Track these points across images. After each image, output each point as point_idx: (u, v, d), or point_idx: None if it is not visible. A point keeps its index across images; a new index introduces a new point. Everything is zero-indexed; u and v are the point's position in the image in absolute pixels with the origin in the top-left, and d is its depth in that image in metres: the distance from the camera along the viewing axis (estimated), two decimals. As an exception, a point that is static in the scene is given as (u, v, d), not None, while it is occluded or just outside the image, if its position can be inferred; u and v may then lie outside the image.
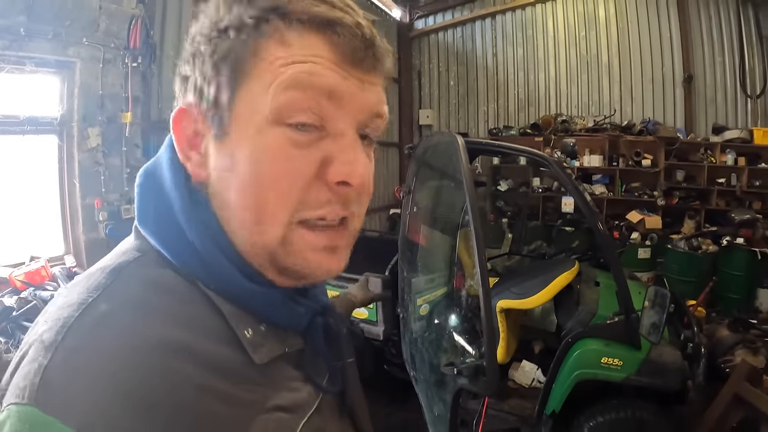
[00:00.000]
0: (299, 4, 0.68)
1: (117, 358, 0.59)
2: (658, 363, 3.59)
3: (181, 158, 0.75)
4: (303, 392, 0.79)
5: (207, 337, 0.67)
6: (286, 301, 0.79)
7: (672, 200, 9.16)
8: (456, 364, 3.02)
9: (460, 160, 3.30)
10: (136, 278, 0.69)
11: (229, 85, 0.69)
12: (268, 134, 0.68)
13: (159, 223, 0.74)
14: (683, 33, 9.45)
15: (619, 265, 3.86)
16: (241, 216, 0.71)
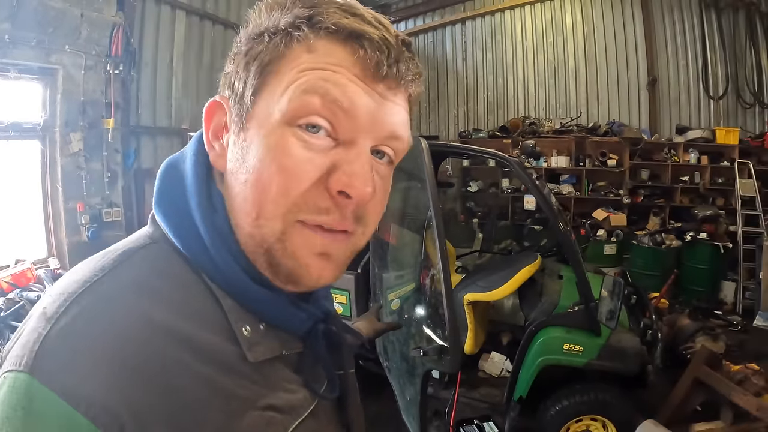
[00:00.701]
0: (331, 15, 0.69)
1: (117, 335, 0.61)
2: (617, 348, 3.76)
3: (207, 146, 0.78)
4: (299, 395, 0.80)
5: (206, 329, 0.69)
6: (288, 305, 0.79)
7: (637, 198, 9.34)
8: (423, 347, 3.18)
9: (423, 161, 3.47)
10: (145, 263, 0.71)
11: (253, 82, 0.71)
12: (280, 131, 0.69)
13: (173, 212, 0.76)
14: (648, 37, 9.66)
15: (578, 257, 4.04)
16: (244, 207, 0.73)
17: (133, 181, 5.63)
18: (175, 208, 0.77)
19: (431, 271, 3.67)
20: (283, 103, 0.69)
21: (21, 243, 4.90)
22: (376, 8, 4.52)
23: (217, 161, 0.78)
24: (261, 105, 0.71)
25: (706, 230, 7.97)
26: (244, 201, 0.72)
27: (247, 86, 0.72)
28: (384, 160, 0.78)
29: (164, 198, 0.79)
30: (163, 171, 0.81)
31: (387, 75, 0.72)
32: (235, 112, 0.74)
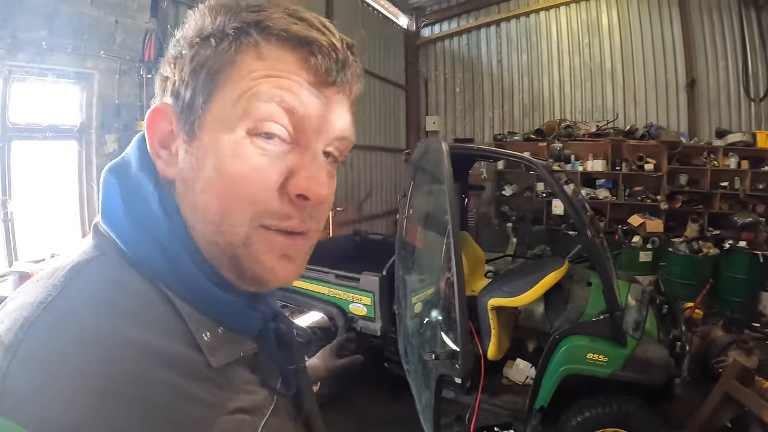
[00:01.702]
0: (279, 21, 0.71)
1: (86, 357, 0.58)
2: (642, 359, 3.66)
3: (152, 155, 0.76)
4: (259, 395, 0.80)
5: (170, 339, 0.68)
6: (246, 307, 0.81)
7: (675, 204, 9.16)
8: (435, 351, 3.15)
9: (443, 165, 3.44)
10: (96, 277, 0.69)
11: (203, 90, 0.71)
12: (238, 140, 0.70)
13: (126, 221, 0.74)
14: (686, 37, 9.49)
15: (605, 264, 3.95)
16: (205, 216, 0.73)
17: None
18: (127, 216, 0.74)
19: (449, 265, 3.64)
20: (239, 112, 0.70)
21: (58, 238, 5.03)
22: (410, 11, 4.59)
23: (166, 170, 0.76)
24: (214, 113, 0.71)
25: (745, 238, 7.73)
26: (205, 209, 0.72)
27: (196, 94, 0.72)
28: (329, 159, 0.80)
29: (112, 207, 0.76)
30: (107, 179, 0.78)
31: (335, 80, 0.74)
32: (184, 120, 0.73)
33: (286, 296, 5.38)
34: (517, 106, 11.40)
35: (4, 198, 4.46)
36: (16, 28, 4.20)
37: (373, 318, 4.80)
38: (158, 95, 0.79)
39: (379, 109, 11.26)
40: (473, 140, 11.59)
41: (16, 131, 4.54)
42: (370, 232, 7.70)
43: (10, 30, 4.16)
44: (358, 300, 4.88)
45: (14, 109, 4.49)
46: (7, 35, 4.15)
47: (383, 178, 11.39)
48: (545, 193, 10.06)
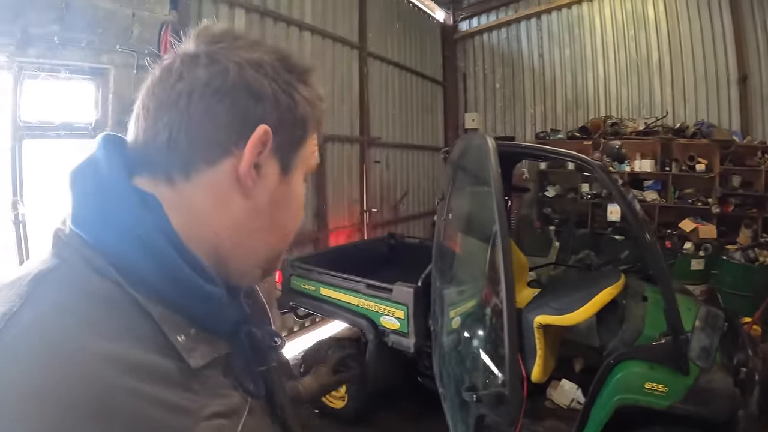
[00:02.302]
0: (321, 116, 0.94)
1: (56, 373, 0.58)
2: (706, 390, 3.29)
3: (245, 169, 0.81)
4: (235, 397, 0.80)
5: (139, 346, 0.67)
6: (226, 304, 0.81)
7: (727, 207, 8.78)
8: (477, 388, 2.83)
9: (489, 163, 3.11)
10: (60, 285, 0.68)
11: (298, 141, 0.89)
12: (303, 183, 0.94)
13: (102, 221, 0.74)
14: (737, 30, 9.09)
15: (669, 281, 3.59)
16: (286, 231, 0.93)
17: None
18: (102, 216, 0.75)
19: (495, 290, 3.32)
20: (310, 166, 0.94)
21: None
22: (447, 4, 4.26)
23: (251, 187, 0.83)
24: (301, 158, 0.91)
25: (804, 245, 7.28)
26: (285, 226, 0.92)
27: (294, 141, 0.88)
28: None
29: (84, 209, 0.76)
30: (77, 181, 0.80)
31: None
32: (282, 155, 0.87)
33: (312, 305, 5.20)
34: (560, 102, 11.09)
35: (15, 199, 4.34)
36: (26, 23, 4.08)
37: (406, 333, 4.52)
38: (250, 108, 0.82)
39: (416, 105, 11.04)
40: (514, 138, 11.35)
41: (28, 130, 4.40)
42: (405, 236, 7.55)
43: (20, 25, 4.05)
44: (390, 313, 4.60)
45: (25, 107, 4.36)
46: (17, 30, 4.03)
47: (420, 178, 11.10)
48: (590, 195, 9.83)
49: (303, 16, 7.57)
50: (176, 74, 0.80)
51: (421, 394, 4.82)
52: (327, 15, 8.16)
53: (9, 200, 4.33)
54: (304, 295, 5.34)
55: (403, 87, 10.59)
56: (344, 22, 8.64)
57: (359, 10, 9.03)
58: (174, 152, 0.79)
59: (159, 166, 0.80)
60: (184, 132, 0.78)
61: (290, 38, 7.32)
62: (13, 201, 4.34)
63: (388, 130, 9.88)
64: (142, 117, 0.83)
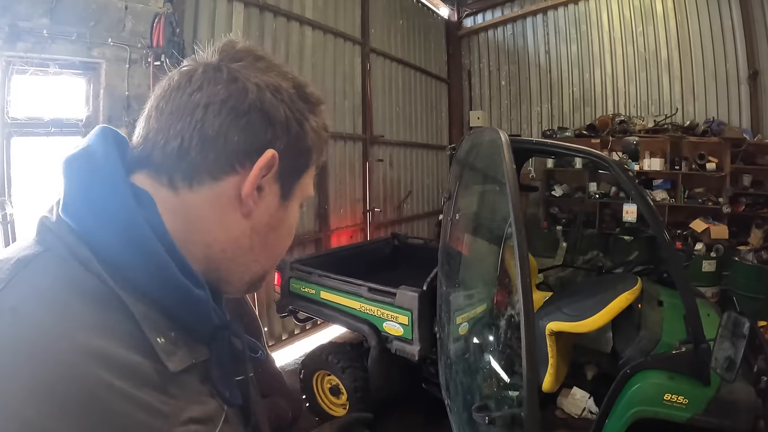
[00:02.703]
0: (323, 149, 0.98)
1: (37, 361, 0.59)
2: (728, 401, 3.10)
3: (248, 189, 0.84)
4: (211, 404, 0.80)
5: (120, 343, 0.67)
6: (210, 307, 0.82)
7: (738, 207, 8.68)
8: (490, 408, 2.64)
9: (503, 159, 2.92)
10: (43, 273, 0.69)
11: (300, 169, 0.93)
12: (298, 211, 0.98)
13: (92, 212, 0.74)
14: (746, 25, 8.95)
15: (689, 285, 3.40)
16: (277, 252, 0.97)
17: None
18: (92, 207, 0.74)
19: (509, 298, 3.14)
20: (306, 195, 0.98)
21: None
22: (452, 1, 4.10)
23: (251, 208, 0.86)
24: (299, 187, 0.95)
25: (816, 246, 7.15)
26: (279, 248, 0.97)
27: (297, 169, 0.92)
28: None
29: (76, 198, 0.76)
30: (70, 170, 0.78)
31: None
32: (284, 181, 0.90)
33: (312, 309, 5.08)
34: (567, 100, 10.99)
35: (2, 199, 4.29)
36: (15, 16, 4.06)
37: (410, 339, 4.34)
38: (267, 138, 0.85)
39: (420, 103, 10.98)
40: (520, 136, 11.22)
41: (16, 127, 4.34)
42: (409, 236, 7.41)
43: (8, 18, 4.02)
44: (394, 318, 4.44)
45: (14, 104, 4.30)
46: (5, 24, 3.99)
47: (424, 177, 11.05)
48: (598, 194, 9.75)
49: (303, 10, 7.47)
50: (196, 84, 0.81)
51: (425, 401, 4.72)
52: (328, 10, 8.08)
53: None
54: (303, 298, 5.19)
55: (407, 84, 10.50)
56: (346, 18, 8.56)
57: (361, 5, 8.95)
58: (182, 160, 0.80)
59: (163, 168, 0.82)
60: (195, 143, 0.79)
61: (290, 33, 7.23)
62: (1, 201, 4.27)
63: (392, 127, 9.81)
64: (153, 118, 0.84)
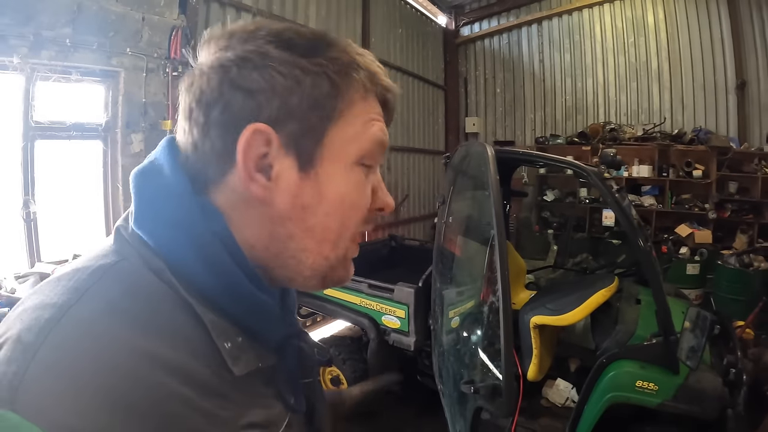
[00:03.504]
0: (375, 70, 0.83)
1: (104, 367, 0.59)
2: (696, 389, 3.39)
3: (245, 176, 0.76)
4: (275, 409, 0.82)
5: (186, 349, 0.68)
6: (279, 315, 0.84)
7: (724, 213, 8.86)
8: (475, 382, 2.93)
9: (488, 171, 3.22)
10: (119, 283, 0.69)
11: (321, 124, 0.78)
12: (354, 171, 0.82)
13: (162, 224, 0.75)
14: (735, 37, 9.19)
15: (660, 284, 3.67)
16: (325, 235, 0.81)
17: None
18: (164, 220, 0.75)
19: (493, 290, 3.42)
20: (357, 148, 0.81)
21: (81, 239, 5.00)
22: (449, 9, 4.37)
23: (263, 195, 0.77)
24: (332, 146, 0.79)
25: (798, 251, 7.36)
26: (326, 230, 0.81)
27: (312, 127, 0.77)
28: None
29: (147, 212, 0.77)
30: (139, 183, 0.80)
31: (393, 116, 0.90)
32: (296, 150, 0.77)
33: (316, 304, 5.28)
34: (560, 107, 11.19)
35: (26, 198, 4.45)
36: (39, 26, 4.18)
37: (407, 332, 4.62)
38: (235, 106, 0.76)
39: (417, 109, 11.14)
40: (514, 143, 11.50)
41: (40, 130, 4.50)
42: (406, 238, 7.60)
43: (33, 27, 4.15)
44: (392, 312, 4.70)
45: (38, 108, 4.46)
46: (29, 33, 4.13)
47: (421, 181, 11.22)
48: (588, 200, 9.94)
49: (308, 20, 7.68)
50: (186, 86, 0.79)
51: (420, 392, 4.86)
52: (330, 19, 8.28)
53: (21, 198, 4.44)
54: (306, 294, 5.40)
55: (406, 91, 10.67)
56: (348, 27, 8.75)
57: (362, 14, 9.14)
58: (200, 163, 0.78)
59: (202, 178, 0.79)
60: (199, 144, 0.77)
61: None
62: (25, 199, 4.44)
63: (390, 133, 9.75)
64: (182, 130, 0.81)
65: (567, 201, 10.38)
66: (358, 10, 9.06)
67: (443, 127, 12.30)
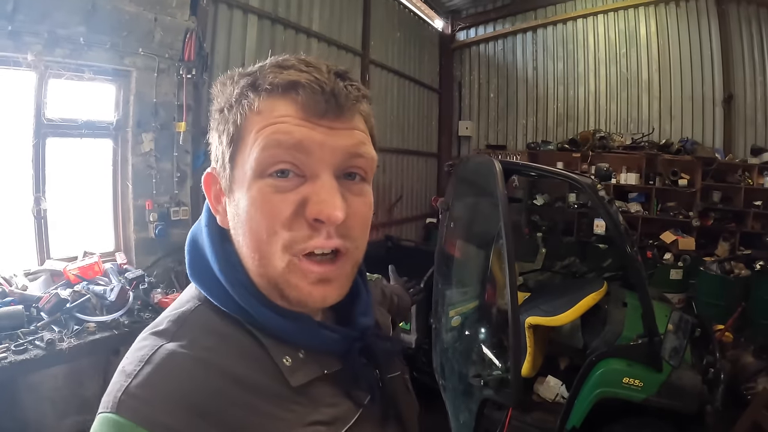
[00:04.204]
0: (265, 77, 0.82)
1: (183, 381, 0.75)
2: (677, 386, 3.66)
3: (213, 211, 0.93)
4: (343, 407, 0.90)
5: (252, 368, 0.82)
6: (319, 330, 0.91)
7: (707, 221, 9.02)
8: (483, 375, 3.15)
9: (497, 185, 3.42)
10: (196, 325, 0.85)
11: (229, 152, 0.85)
12: (255, 186, 0.81)
13: (205, 279, 0.90)
14: (724, 51, 9.37)
15: (646, 289, 3.91)
16: (247, 254, 0.85)
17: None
18: (205, 275, 0.90)
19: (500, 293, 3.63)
20: (251, 162, 0.81)
21: (90, 236, 5.00)
22: (446, 14, 4.67)
23: (223, 222, 0.91)
24: (237, 169, 0.84)
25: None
26: (246, 248, 0.85)
27: (225, 156, 0.86)
28: (356, 179, 0.88)
29: (195, 269, 0.93)
30: (189, 246, 0.96)
31: (327, 109, 0.82)
32: (223, 179, 0.88)
33: None
34: (552, 114, 11.34)
35: (37, 195, 4.45)
36: (53, 24, 4.18)
37: (408, 330, 4.81)
38: (212, 161, 0.92)
39: (413, 112, 11.27)
40: (506, 147, 11.59)
41: (51, 128, 4.49)
42: (402, 239, 7.69)
43: (47, 25, 4.14)
44: (393, 311, 4.85)
45: (50, 106, 4.45)
46: (44, 30, 4.13)
47: (414, 182, 11.39)
48: (577, 205, 10.03)
49: (311, 23, 7.78)
50: None
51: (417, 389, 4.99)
52: (333, 23, 8.37)
53: (32, 195, 4.43)
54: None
55: (402, 94, 10.87)
56: (349, 30, 8.85)
57: (363, 17, 9.23)
58: None
59: None
60: None
61: (298, 45, 7.52)
62: (36, 197, 4.44)
63: (386, 135, 10.04)
64: None
65: (556, 206, 10.56)
66: (359, 13, 9.14)
67: (436, 129, 12.49)
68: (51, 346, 3.48)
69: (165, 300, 4.32)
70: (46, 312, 3.81)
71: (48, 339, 3.50)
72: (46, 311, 3.81)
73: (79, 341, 3.68)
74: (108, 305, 4.08)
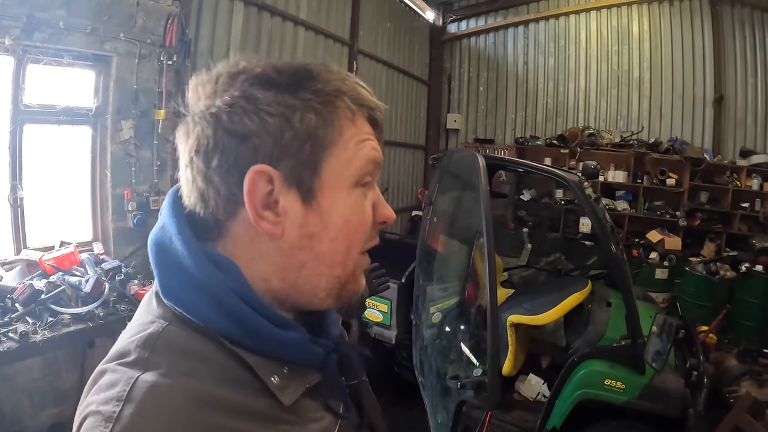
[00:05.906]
0: (359, 92, 0.86)
1: (173, 423, 0.69)
2: (659, 389, 3.63)
3: (254, 217, 0.80)
4: (325, 420, 0.89)
5: (238, 390, 0.77)
6: (308, 343, 0.87)
7: (694, 221, 9.05)
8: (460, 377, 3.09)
9: (480, 181, 3.36)
10: (170, 347, 0.77)
11: (314, 156, 0.81)
12: (354, 193, 0.86)
13: (183, 292, 0.81)
14: (716, 51, 9.38)
15: (631, 290, 3.89)
16: (334, 259, 0.86)
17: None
18: (182, 289, 0.81)
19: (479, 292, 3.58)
20: (353, 170, 0.85)
21: (67, 225, 4.93)
22: (438, 5, 4.56)
23: (274, 230, 0.82)
24: (329, 174, 0.83)
25: (762, 262, 7.59)
26: (335, 253, 0.86)
27: (308, 161, 0.81)
28: None
29: (169, 282, 0.83)
30: (157, 258, 0.85)
31: (382, 130, 0.93)
32: (297, 183, 0.81)
33: None
34: (541, 110, 11.30)
35: (13, 183, 4.37)
36: (32, 7, 4.09)
37: (388, 325, 4.78)
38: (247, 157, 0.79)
39: (401, 104, 11.19)
40: (494, 141, 11.58)
41: (29, 114, 4.40)
42: (386, 232, 7.66)
43: (27, 9, 4.06)
44: (375, 306, 4.86)
45: (28, 91, 4.36)
46: (22, 14, 4.03)
47: (400, 174, 11.29)
48: (563, 201, 10.00)
49: (298, 11, 7.67)
50: (182, 135, 0.83)
51: (396, 383, 5.00)
52: (321, 11, 8.26)
53: (8, 183, 4.35)
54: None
55: (390, 85, 10.77)
56: (337, 19, 8.75)
57: (352, 7, 9.14)
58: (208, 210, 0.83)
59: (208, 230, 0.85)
60: (204, 191, 0.81)
61: (285, 33, 7.43)
62: (13, 184, 4.36)
63: None
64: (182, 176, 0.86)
65: (543, 201, 10.48)
66: (348, 2, 9.06)
67: (425, 122, 12.40)
68: (25, 338, 3.45)
69: (141, 291, 4.26)
70: (21, 303, 3.75)
71: (22, 331, 3.46)
72: (21, 302, 3.75)
73: (53, 333, 3.63)
74: (83, 297, 4.02)
